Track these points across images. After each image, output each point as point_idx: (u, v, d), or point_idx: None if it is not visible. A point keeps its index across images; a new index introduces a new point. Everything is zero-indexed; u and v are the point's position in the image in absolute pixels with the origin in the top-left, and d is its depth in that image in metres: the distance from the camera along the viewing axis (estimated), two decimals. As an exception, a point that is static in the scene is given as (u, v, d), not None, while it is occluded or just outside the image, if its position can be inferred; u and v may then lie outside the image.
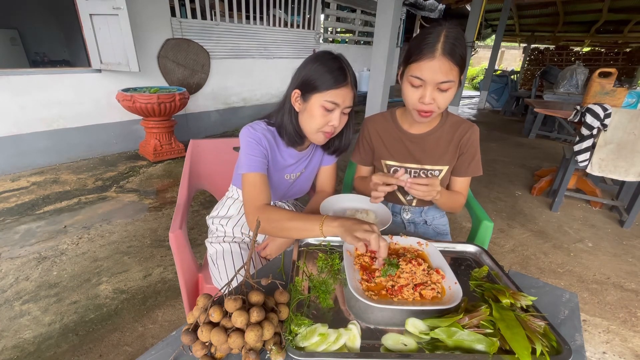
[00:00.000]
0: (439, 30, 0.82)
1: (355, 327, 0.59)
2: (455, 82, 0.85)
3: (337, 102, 0.88)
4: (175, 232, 0.97)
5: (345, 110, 0.92)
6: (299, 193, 1.17)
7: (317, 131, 0.92)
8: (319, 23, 5.71)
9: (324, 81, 0.87)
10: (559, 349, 0.55)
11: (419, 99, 0.87)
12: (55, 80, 3.00)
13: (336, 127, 0.93)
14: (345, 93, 0.89)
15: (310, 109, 0.90)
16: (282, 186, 1.08)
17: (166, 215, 2.34)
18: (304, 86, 0.90)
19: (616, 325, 1.59)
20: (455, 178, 1.08)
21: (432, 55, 0.81)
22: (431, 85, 0.84)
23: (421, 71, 0.83)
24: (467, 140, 1.01)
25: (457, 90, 0.89)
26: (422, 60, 0.82)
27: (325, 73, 0.87)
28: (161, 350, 0.56)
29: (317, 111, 0.89)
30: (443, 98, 0.86)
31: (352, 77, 0.90)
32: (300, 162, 1.07)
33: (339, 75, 0.87)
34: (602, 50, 7.97)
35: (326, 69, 0.87)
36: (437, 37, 0.81)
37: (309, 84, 0.89)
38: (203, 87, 4.12)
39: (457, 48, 0.81)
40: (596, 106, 2.16)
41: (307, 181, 1.14)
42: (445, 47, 0.80)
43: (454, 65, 0.82)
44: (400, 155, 1.06)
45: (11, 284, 1.64)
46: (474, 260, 0.84)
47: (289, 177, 1.07)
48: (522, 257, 2.10)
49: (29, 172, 2.94)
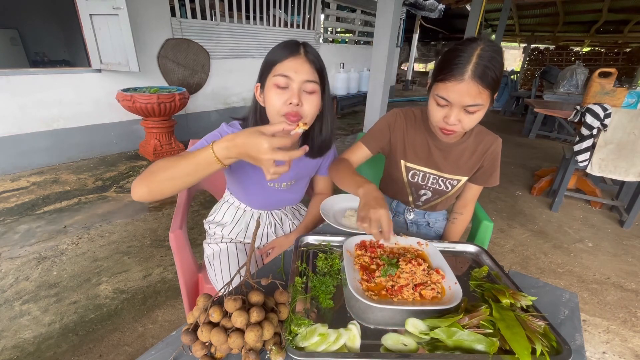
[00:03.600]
0: (472, 48, 0.75)
1: (355, 327, 0.59)
2: (484, 105, 0.79)
3: (288, 74, 0.77)
4: (175, 232, 0.97)
5: (306, 86, 0.79)
6: (293, 201, 1.14)
7: (278, 115, 0.80)
8: (319, 23, 5.71)
9: (275, 57, 0.79)
10: (559, 349, 0.55)
11: (444, 118, 0.82)
12: (55, 80, 3.00)
13: (300, 108, 0.79)
14: (298, 64, 0.78)
15: (267, 94, 0.81)
16: (269, 194, 1.02)
17: (166, 215, 2.34)
18: (261, 75, 0.84)
19: (616, 325, 1.59)
20: (471, 185, 1.06)
21: (461, 77, 0.75)
22: (457, 107, 0.79)
23: (447, 93, 0.78)
24: (490, 153, 0.99)
25: (488, 109, 0.82)
26: (449, 81, 0.77)
27: (276, 50, 0.80)
28: (161, 350, 0.56)
29: (272, 92, 0.79)
30: (469, 120, 0.81)
31: (311, 53, 0.81)
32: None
33: (290, 47, 0.79)
34: (602, 50, 7.98)
35: (278, 47, 0.81)
36: (469, 58, 0.74)
37: (264, 68, 0.82)
38: (203, 87, 4.12)
39: (490, 70, 0.74)
40: (596, 106, 2.16)
41: (299, 191, 1.10)
42: (476, 70, 0.74)
43: (484, 89, 0.76)
44: (422, 160, 1.03)
45: (11, 284, 1.64)
46: (474, 260, 0.84)
47: (274, 185, 1.01)
48: (522, 257, 2.10)
49: (29, 172, 2.94)
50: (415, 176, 1.06)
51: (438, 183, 1.05)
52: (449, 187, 1.05)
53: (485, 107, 0.80)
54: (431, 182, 1.05)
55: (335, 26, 6.52)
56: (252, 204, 1.08)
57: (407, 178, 1.07)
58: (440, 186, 1.05)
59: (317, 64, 0.82)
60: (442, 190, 1.06)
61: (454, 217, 1.13)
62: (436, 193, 1.07)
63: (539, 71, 5.98)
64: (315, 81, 0.80)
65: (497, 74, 0.76)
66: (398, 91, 9.80)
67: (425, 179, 1.05)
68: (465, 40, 0.79)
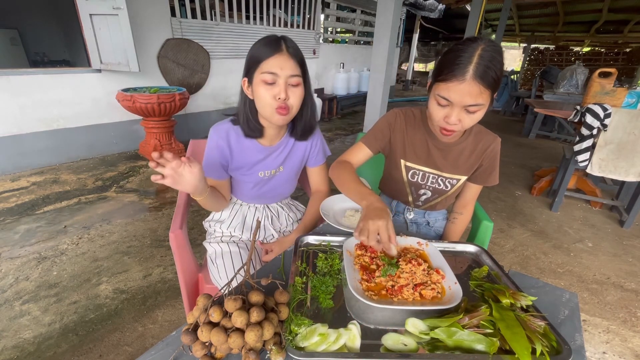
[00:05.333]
0: (473, 48, 0.75)
1: (355, 327, 0.59)
2: (485, 105, 0.79)
3: (274, 72, 0.84)
4: (175, 232, 0.97)
5: (291, 80, 0.87)
6: (284, 193, 1.16)
7: (270, 110, 0.88)
8: (319, 23, 5.71)
9: (259, 54, 0.85)
10: (559, 349, 0.55)
11: (444, 118, 0.83)
12: (55, 80, 3.00)
13: (288, 101, 0.88)
14: (282, 61, 0.84)
15: (256, 90, 0.88)
16: (260, 184, 1.07)
17: (166, 215, 2.34)
18: (247, 70, 0.89)
19: (616, 325, 1.59)
20: (470, 184, 1.06)
21: (462, 77, 0.75)
22: (458, 107, 0.79)
23: (449, 93, 0.78)
24: (490, 152, 0.99)
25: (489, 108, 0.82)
26: (450, 81, 0.77)
27: (259, 47, 0.86)
28: (161, 350, 0.56)
29: (260, 88, 0.86)
30: (470, 119, 0.82)
31: (291, 47, 0.87)
32: (272, 158, 1.04)
33: (273, 44, 0.85)
34: (602, 50, 7.99)
35: (261, 44, 0.86)
36: (470, 58, 0.75)
37: (249, 64, 0.88)
38: (203, 87, 4.12)
39: (491, 70, 0.75)
40: (596, 106, 2.16)
41: (289, 180, 1.13)
42: (477, 70, 0.74)
43: (484, 89, 0.76)
44: (421, 159, 1.03)
45: (11, 284, 1.64)
46: (474, 260, 0.84)
47: (264, 175, 1.05)
48: (522, 257, 2.10)
49: (29, 172, 2.94)
50: (415, 176, 1.06)
51: (437, 182, 1.05)
52: (449, 186, 1.05)
53: (485, 106, 0.80)
54: (431, 181, 1.05)
55: (335, 26, 6.52)
56: (246, 197, 1.11)
57: (407, 177, 1.07)
58: (440, 185, 1.05)
59: (298, 57, 0.88)
60: (441, 190, 1.06)
61: (453, 217, 1.13)
62: (436, 192, 1.07)
63: (539, 71, 5.98)
64: (298, 75, 0.88)
65: (498, 74, 0.76)
66: (398, 91, 9.80)
67: (425, 178, 1.05)
68: (465, 40, 0.79)
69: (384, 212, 0.76)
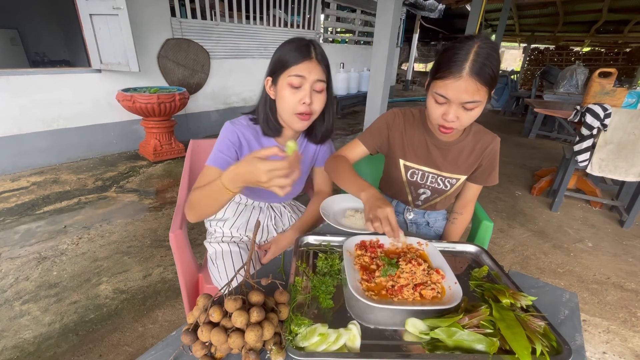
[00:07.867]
0: (469, 45, 0.76)
1: (355, 327, 0.59)
2: (482, 102, 0.80)
3: (302, 75, 0.85)
4: (175, 232, 0.97)
5: (316, 86, 0.88)
6: (292, 193, 1.15)
7: (292, 113, 0.89)
8: (319, 23, 5.71)
9: (288, 58, 0.86)
10: (559, 349, 0.55)
11: (442, 115, 0.83)
12: (55, 80, 3.00)
13: (311, 106, 0.89)
14: (311, 67, 0.86)
15: (280, 92, 0.88)
16: None
17: (166, 215, 2.34)
18: (273, 71, 0.90)
19: (616, 325, 1.59)
20: (470, 184, 1.06)
21: (459, 74, 0.76)
22: (456, 104, 0.80)
23: (446, 90, 0.79)
24: (489, 152, 0.99)
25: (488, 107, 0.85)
26: (447, 79, 0.78)
27: (289, 51, 0.86)
28: (161, 350, 0.56)
29: (286, 91, 0.87)
30: (468, 116, 0.82)
31: (320, 54, 0.88)
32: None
33: (303, 50, 0.86)
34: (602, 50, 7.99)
35: (290, 47, 0.87)
36: (466, 55, 0.75)
37: (276, 66, 0.88)
38: (203, 87, 4.12)
39: (487, 67, 0.75)
40: (596, 106, 2.16)
41: (300, 180, 1.12)
42: (473, 67, 0.75)
43: (481, 86, 0.77)
44: (421, 159, 1.03)
45: (11, 284, 1.64)
46: (474, 260, 0.84)
47: None
48: (522, 257, 2.10)
49: (29, 172, 2.94)
50: (414, 175, 1.06)
51: (437, 182, 1.05)
52: (448, 185, 1.05)
53: (482, 103, 0.81)
54: (430, 181, 1.05)
55: (335, 26, 6.52)
56: (252, 195, 1.10)
57: (406, 177, 1.07)
58: (440, 185, 1.05)
59: (325, 62, 0.90)
60: (441, 189, 1.06)
61: (453, 217, 1.13)
62: (435, 192, 1.07)
63: (539, 71, 5.98)
64: (323, 80, 0.89)
65: (494, 71, 0.77)
66: (398, 91, 9.80)
67: (425, 177, 1.05)
68: (462, 38, 0.80)
69: (387, 201, 0.79)
